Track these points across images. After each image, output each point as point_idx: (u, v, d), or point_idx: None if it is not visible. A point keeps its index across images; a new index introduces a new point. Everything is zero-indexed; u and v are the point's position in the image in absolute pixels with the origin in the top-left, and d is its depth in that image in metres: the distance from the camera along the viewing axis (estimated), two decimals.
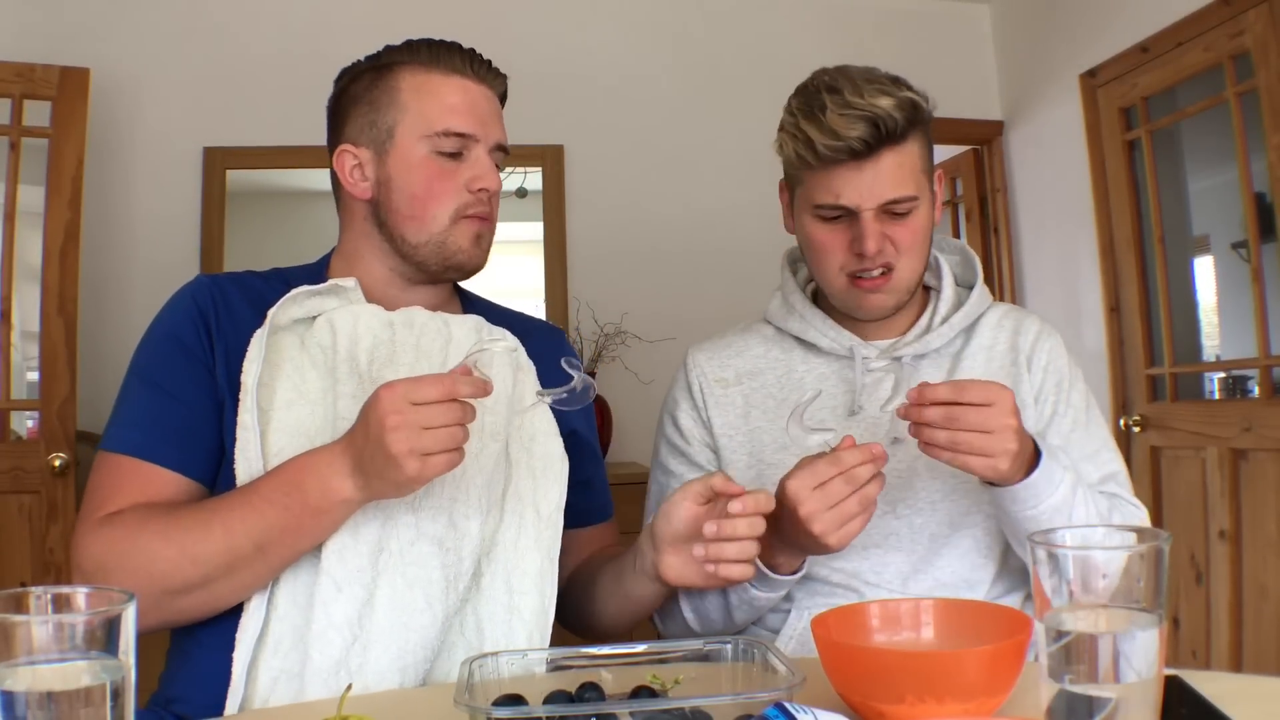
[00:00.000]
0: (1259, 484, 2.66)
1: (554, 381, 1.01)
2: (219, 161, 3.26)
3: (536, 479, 1.12)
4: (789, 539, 1.07)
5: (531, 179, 3.60)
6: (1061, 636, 0.63)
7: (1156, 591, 0.64)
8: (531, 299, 3.44)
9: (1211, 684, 0.80)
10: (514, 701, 0.78)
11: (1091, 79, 3.27)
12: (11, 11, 3.06)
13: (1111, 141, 3.23)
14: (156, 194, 3.21)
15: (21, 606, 0.59)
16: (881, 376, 1.25)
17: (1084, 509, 1.10)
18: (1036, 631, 0.66)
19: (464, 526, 1.05)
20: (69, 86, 2.78)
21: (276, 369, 1.07)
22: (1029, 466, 1.06)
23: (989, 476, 1.04)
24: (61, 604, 0.60)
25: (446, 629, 1.04)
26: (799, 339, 1.30)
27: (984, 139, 3.85)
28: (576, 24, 3.55)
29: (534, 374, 1.17)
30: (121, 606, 0.59)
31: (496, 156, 1.16)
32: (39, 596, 0.60)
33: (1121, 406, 3.19)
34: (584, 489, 1.23)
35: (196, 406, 1.06)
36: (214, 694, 0.99)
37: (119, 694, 0.58)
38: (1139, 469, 3.09)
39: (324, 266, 1.21)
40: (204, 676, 1.00)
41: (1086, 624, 0.63)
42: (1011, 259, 3.79)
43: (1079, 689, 0.63)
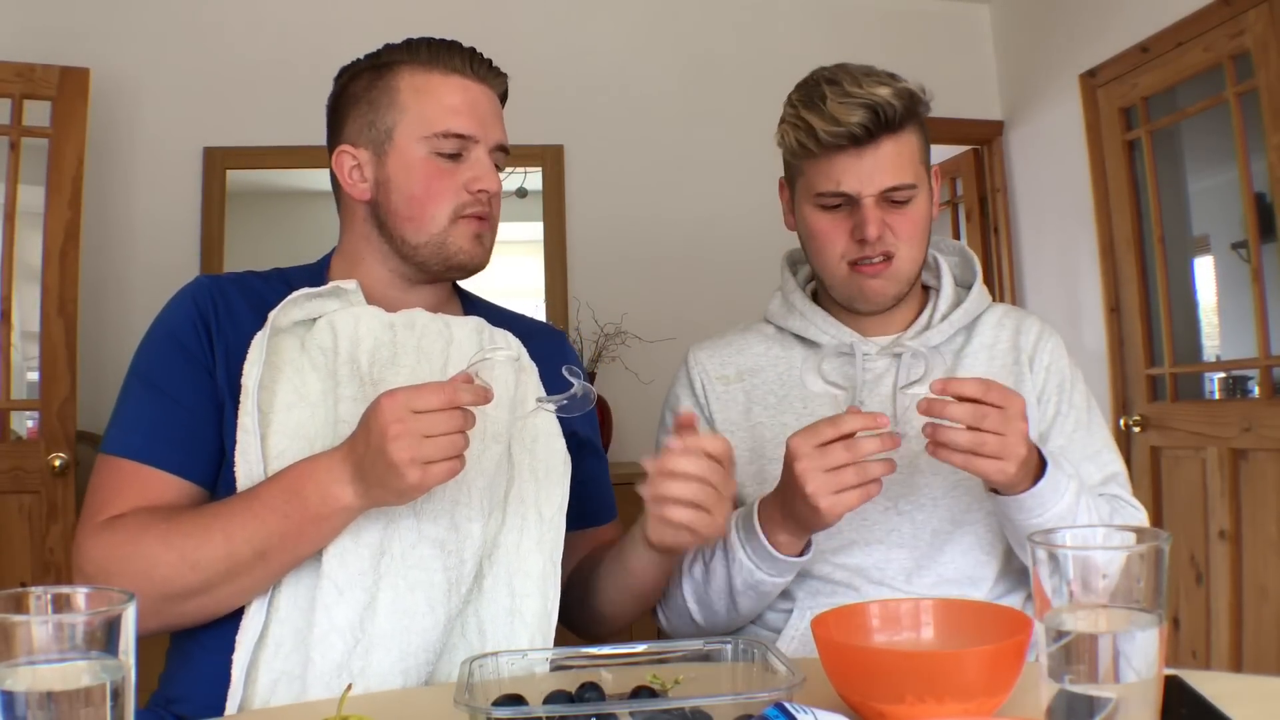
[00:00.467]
0: (1259, 484, 2.66)
1: (555, 384, 1.01)
2: (219, 161, 3.26)
3: (539, 481, 1.12)
4: (789, 508, 1.07)
5: (531, 179, 3.60)
6: (1061, 636, 0.63)
7: (1156, 591, 0.64)
8: (531, 299, 3.43)
9: (1211, 684, 0.80)
10: (514, 701, 0.78)
11: (1091, 79, 3.27)
12: (11, 11, 3.06)
13: (1111, 141, 3.23)
14: (156, 194, 3.21)
15: (21, 606, 0.59)
16: (882, 373, 1.25)
17: (1087, 516, 1.10)
18: (1036, 631, 0.66)
19: (466, 529, 1.05)
20: (69, 86, 2.78)
21: (277, 371, 1.07)
22: (1034, 475, 1.06)
23: (997, 480, 1.03)
24: (61, 604, 0.60)
25: (449, 631, 1.04)
26: (799, 337, 1.31)
27: (984, 139, 3.85)
28: (576, 24, 3.55)
29: (536, 375, 1.17)
30: (121, 607, 0.59)
31: (497, 157, 1.16)
32: (39, 596, 0.60)
33: (1121, 406, 3.19)
34: (588, 490, 1.23)
35: (197, 409, 1.06)
36: (214, 695, 0.99)
37: (119, 694, 0.58)
38: (1139, 469, 3.09)
39: (324, 267, 1.20)
40: (204, 677, 1.00)
41: (1086, 624, 0.63)
42: (1011, 259, 3.79)
43: (1079, 689, 0.63)
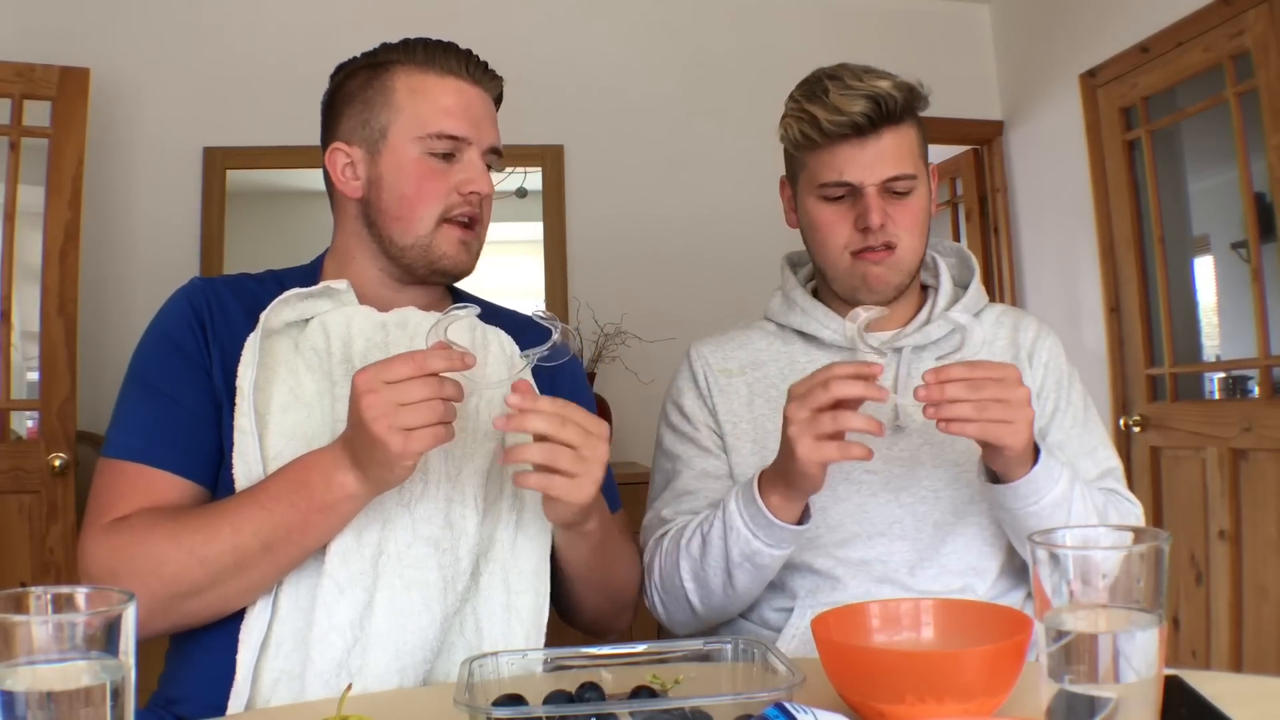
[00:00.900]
0: (1259, 484, 2.66)
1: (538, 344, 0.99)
2: (219, 161, 3.26)
3: None
4: (781, 463, 1.07)
5: (531, 179, 3.60)
6: (1061, 636, 0.63)
7: (1156, 591, 0.64)
8: (531, 299, 3.43)
9: (1211, 684, 0.80)
10: (514, 701, 0.78)
11: (1091, 79, 3.27)
12: (11, 11, 3.06)
13: (1111, 141, 3.23)
14: (156, 194, 3.21)
15: (21, 606, 0.59)
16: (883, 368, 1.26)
17: (1082, 504, 1.11)
18: (1036, 631, 0.66)
19: (460, 527, 1.05)
20: (69, 86, 2.78)
21: (271, 373, 1.07)
22: (1031, 461, 1.07)
23: (1012, 445, 1.03)
24: (61, 604, 0.60)
25: (446, 630, 1.04)
26: (800, 332, 1.32)
27: (984, 139, 3.85)
28: (576, 24, 3.55)
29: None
30: (121, 607, 0.59)
31: (489, 159, 1.16)
32: (39, 596, 0.60)
33: (1121, 406, 3.19)
34: None
35: (196, 409, 1.06)
36: (214, 695, 0.99)
37: (119, 694, 0.58)
38: (1139, 469, 3.09)
39: (318, 267, 1.21)
40: (204, 677, 1.00)
41: (1086, 624, 0.63)
42: (1011, 259, 3.79)
43: (1079, 689, 0.63)
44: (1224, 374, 4.34)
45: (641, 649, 0.89)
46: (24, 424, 3.18)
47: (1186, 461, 2.93)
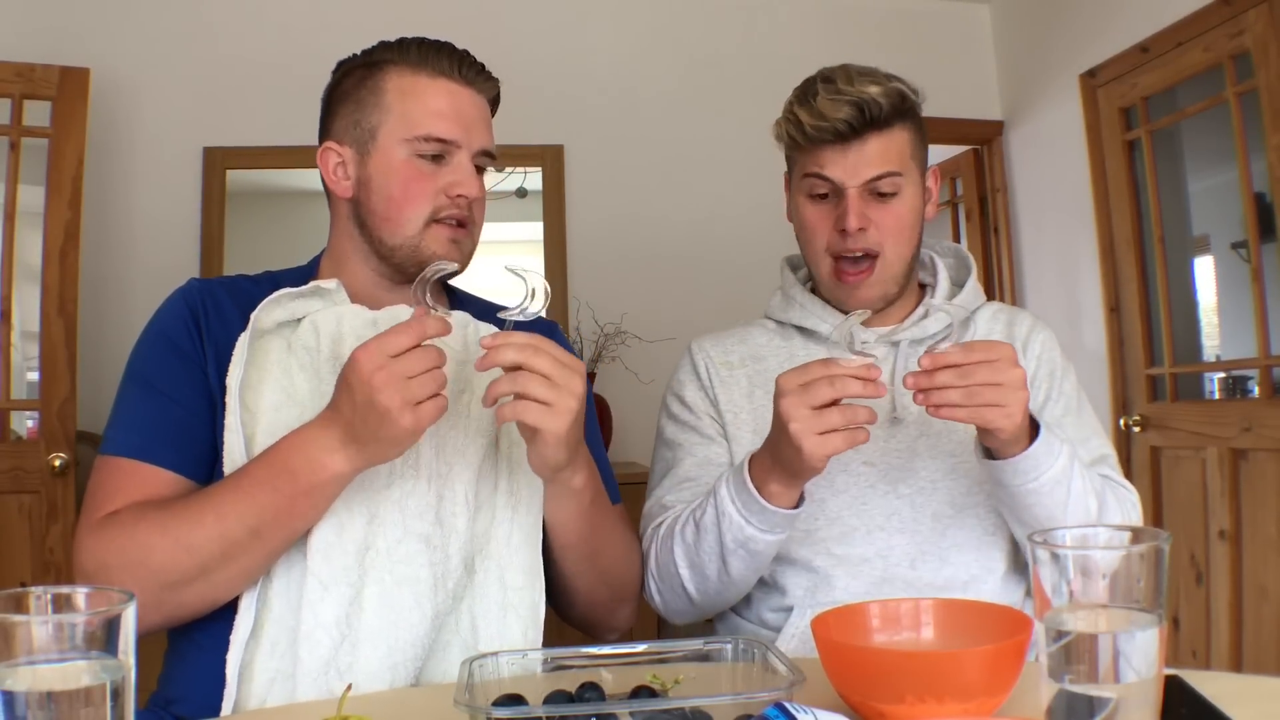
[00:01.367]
0: (1259, 484, 2.66)
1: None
2: (219, 161, 3.26)
3: (527, 473, 1.11)
4: (777, 452, 1.07)
5: (531, 179, 3.60)
6: (1061, 636, 0.63)
7: (1156, 591, 0.64)
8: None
9: (1211, 684, 0.80)
10: (514, 701, 0.78)
11: (1091, 79, 3.27)
12: (11, 11, 3.06)
13: (1111, 141, 3.23)
14: (156, 194, 3.21)
15: (21, 606, 0.59)
16: (879, 362, 1.26)
17: (1081, 481, 1.10)
18: (1036, 631, 0.66)
19: (451, 524, 1.05)
20: (69, 86, 2.78)
21: (264, 372, 1.07)
22: (1028, 440, 1.07)
23: (1004, 428, 1.02)
24: (61, 604, 0.60)
25: (438, 627, 1.04)
26: (799, 327, 1.33)
27: (984, 139, 3.85)
28: (576, 24, 3.55)
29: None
30: (121, 606, 0.59)
31: (481, 162, 1.15)
32: (39, 596, 0.60)
33: (1121, 406, 3.19)
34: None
35: (192, 407, 1.06)
36: (212, 694, 0.99)
37: (119, 694, 0.58)
38: (1139, 469, 3.09)
39: (314, 268, 1.21)
40: (201, 677, 1.00)
41: (1086, 624, 0.63)
42: (1011, 259, 3.79)
43: (1079, 689, 0.63)
44: (1224, 374, 4.34)
45: (641, 649, 0.89)
46: (24, 424, 3.18)
47: (1186, 461, 2.93)
